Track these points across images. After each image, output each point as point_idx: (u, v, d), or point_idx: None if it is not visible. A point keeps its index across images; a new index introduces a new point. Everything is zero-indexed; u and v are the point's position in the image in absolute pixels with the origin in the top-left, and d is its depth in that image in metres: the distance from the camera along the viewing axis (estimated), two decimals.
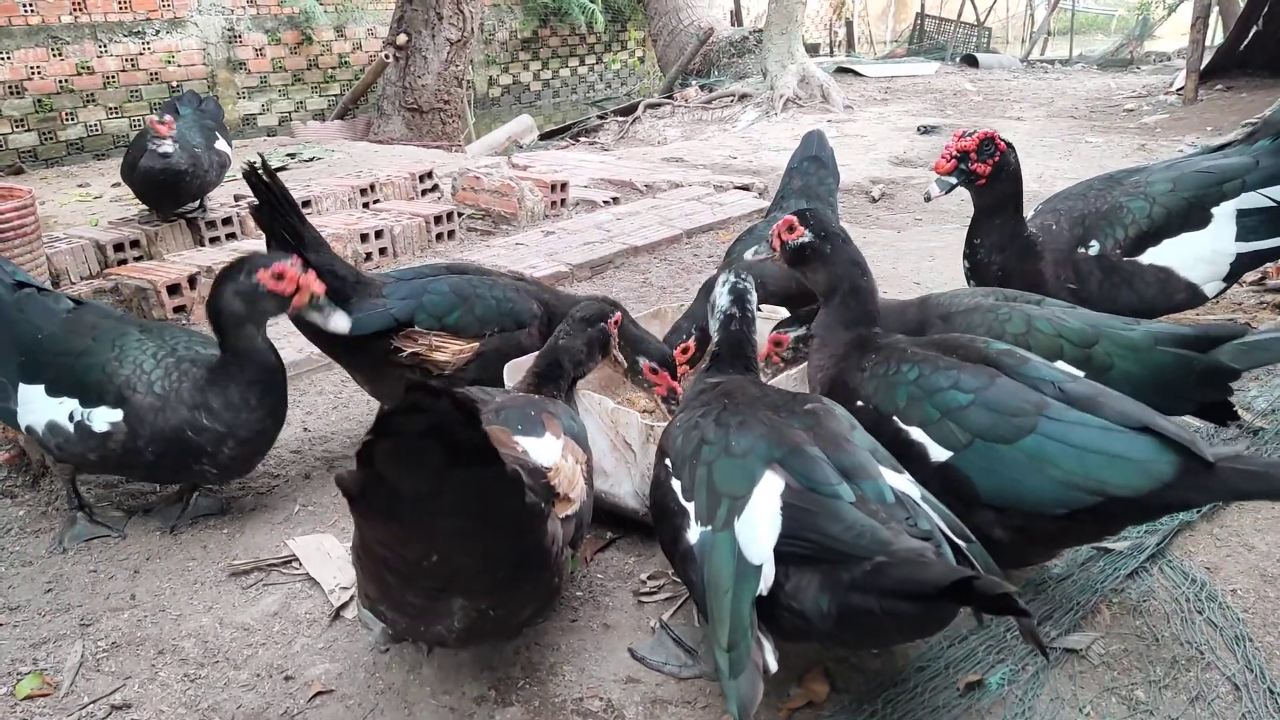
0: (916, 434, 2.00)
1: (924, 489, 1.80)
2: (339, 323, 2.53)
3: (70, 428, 2.41)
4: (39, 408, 2.44)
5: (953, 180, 2.99)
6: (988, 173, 2.95)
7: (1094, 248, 3.04)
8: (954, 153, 2.97)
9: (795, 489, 1.68)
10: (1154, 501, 1.81)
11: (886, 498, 1.70)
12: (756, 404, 1.94)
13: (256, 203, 2.69)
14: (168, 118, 4.70)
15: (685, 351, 2.88)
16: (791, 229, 2.41)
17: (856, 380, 2.18)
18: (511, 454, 1.72)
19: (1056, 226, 3.13)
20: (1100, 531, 2.02)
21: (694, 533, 1.76)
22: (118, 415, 2.40)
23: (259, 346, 2.47)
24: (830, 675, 1.93)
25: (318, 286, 2.45)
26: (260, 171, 2.64)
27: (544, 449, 1.84)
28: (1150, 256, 3.02)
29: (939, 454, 1.96)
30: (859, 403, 2.13)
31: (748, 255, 2.63)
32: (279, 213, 2.68)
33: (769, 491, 1.68)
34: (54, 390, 2.44)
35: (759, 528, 1.64)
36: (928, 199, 3.10)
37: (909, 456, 1.97)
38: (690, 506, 1.79)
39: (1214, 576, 2.20)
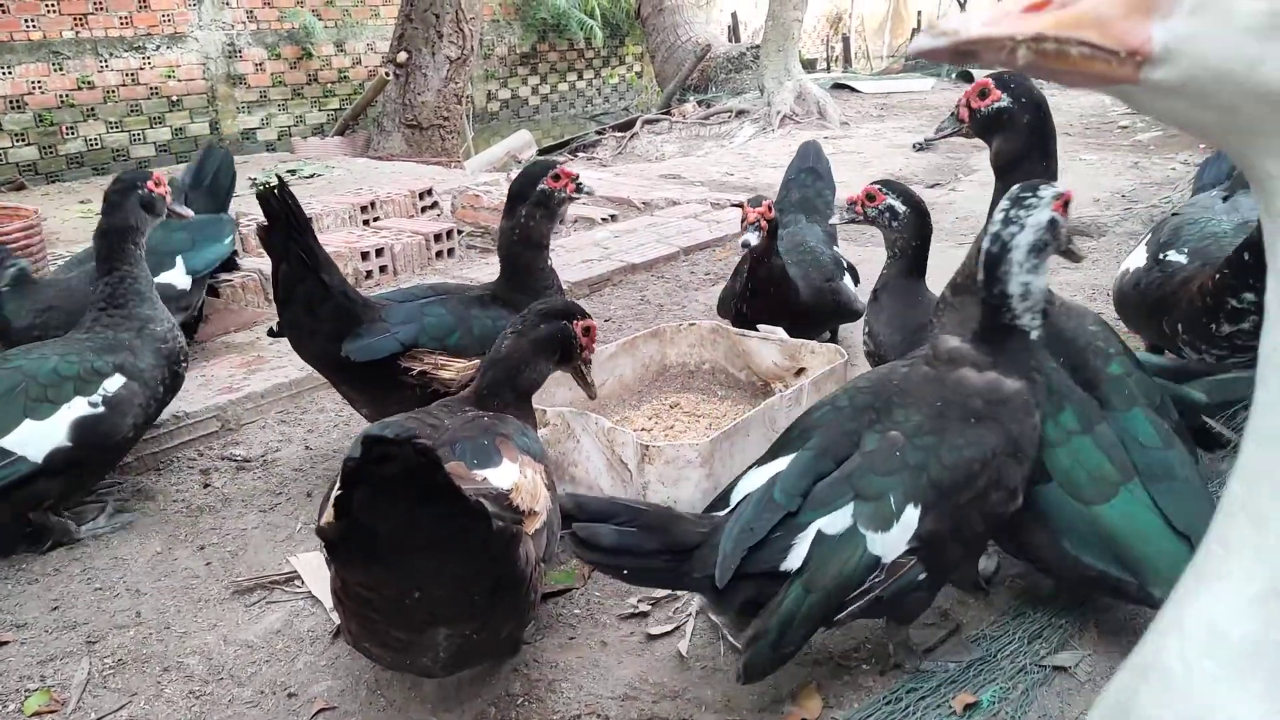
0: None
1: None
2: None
3: (101, 409, 2.54)
4: (41, 432, 2.47)
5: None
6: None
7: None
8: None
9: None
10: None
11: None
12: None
13: (266, 224, 2.62)
14: None
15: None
16: (985, 94, 2.31)
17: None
18: (473, 485, 1.77)
19: None
20: (1118, 596, 2.08)
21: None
22: (120, 379, 2.60)
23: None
24: (823, 692, 1.97)
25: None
26: (276, 193, 2.57)
27: (502, 475, 1.87)
28: None
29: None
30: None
31: (931, 133, 2.68)
32: (296, 233, 2.64)
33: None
34: (38, 413, 2.48)
35: None
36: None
37: None
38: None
39: None
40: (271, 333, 2.92)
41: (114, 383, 2.59)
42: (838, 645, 2.12)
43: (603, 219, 6.36)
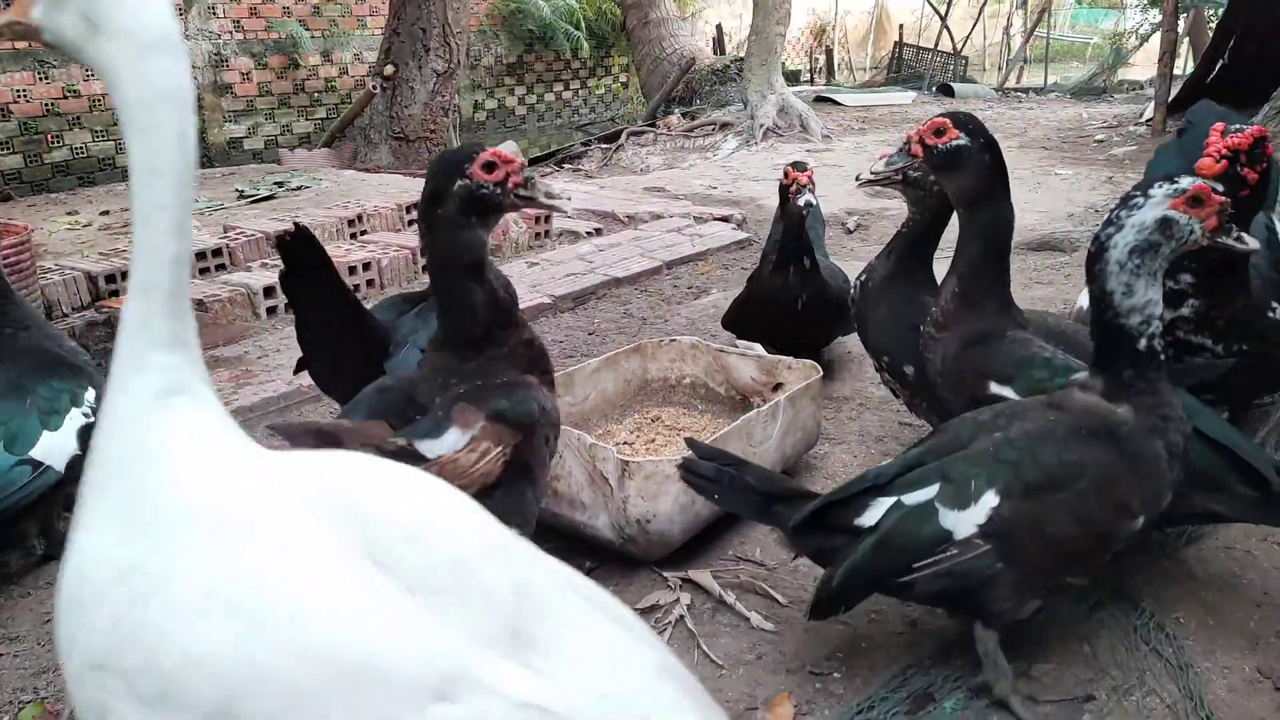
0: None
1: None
2: None
3: (93, 419, 2.55)
4: (58, 441, 2.54)
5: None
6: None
7: None
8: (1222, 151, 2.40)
9: None
10: None
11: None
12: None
13: (285, 270, 2.46)
14: None
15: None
16: (940, 132, 2.28)
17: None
18: (380, 435, 1.76)
19: None
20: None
21: None
22: (93, 393, 2.65)
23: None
24: (795, 700, 2.04)
25: None
26: (300, 238, 2.41)
27: (436, 446, 1.80)
28: None
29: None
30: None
31: (879, 165, 2.53)
32: (325, 273, 2.52)
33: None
34: (50, 423, 2.54)
35: None
36: None
37: None
38: None
39: (1160, 605, 2.33)
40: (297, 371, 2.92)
41: (91, 395, 2.67)
42: (810, 653, 2.19)
43: (587, 233, 6.44)
